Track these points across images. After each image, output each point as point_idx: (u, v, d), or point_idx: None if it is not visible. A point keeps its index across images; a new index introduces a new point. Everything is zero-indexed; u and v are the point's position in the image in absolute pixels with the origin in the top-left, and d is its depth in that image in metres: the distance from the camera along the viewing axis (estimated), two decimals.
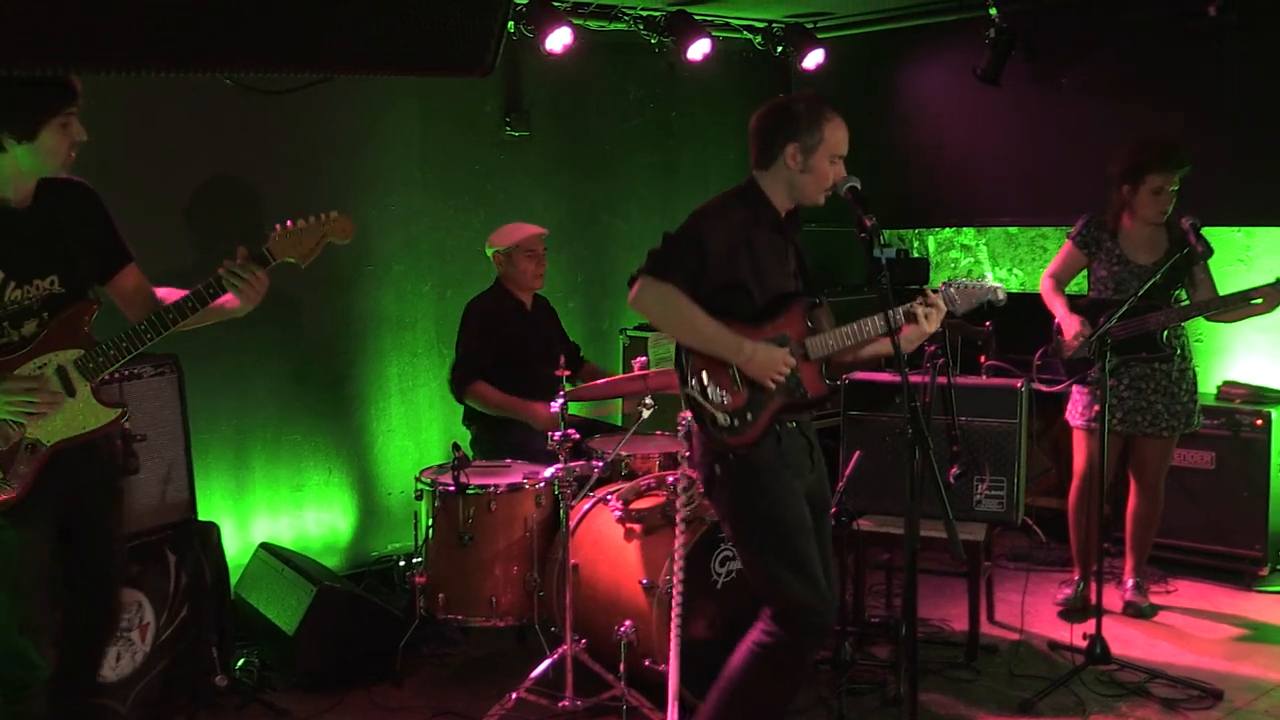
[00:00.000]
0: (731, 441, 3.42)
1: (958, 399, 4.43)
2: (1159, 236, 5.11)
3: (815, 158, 3.47)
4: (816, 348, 3.53)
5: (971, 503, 4.83)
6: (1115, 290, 5.08)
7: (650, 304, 3.39)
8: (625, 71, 6.71)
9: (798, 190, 3.52)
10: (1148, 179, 5.01)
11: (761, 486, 3.44)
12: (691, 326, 3.40)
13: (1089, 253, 5.21)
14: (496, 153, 6.19)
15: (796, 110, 3.48)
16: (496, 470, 4.76)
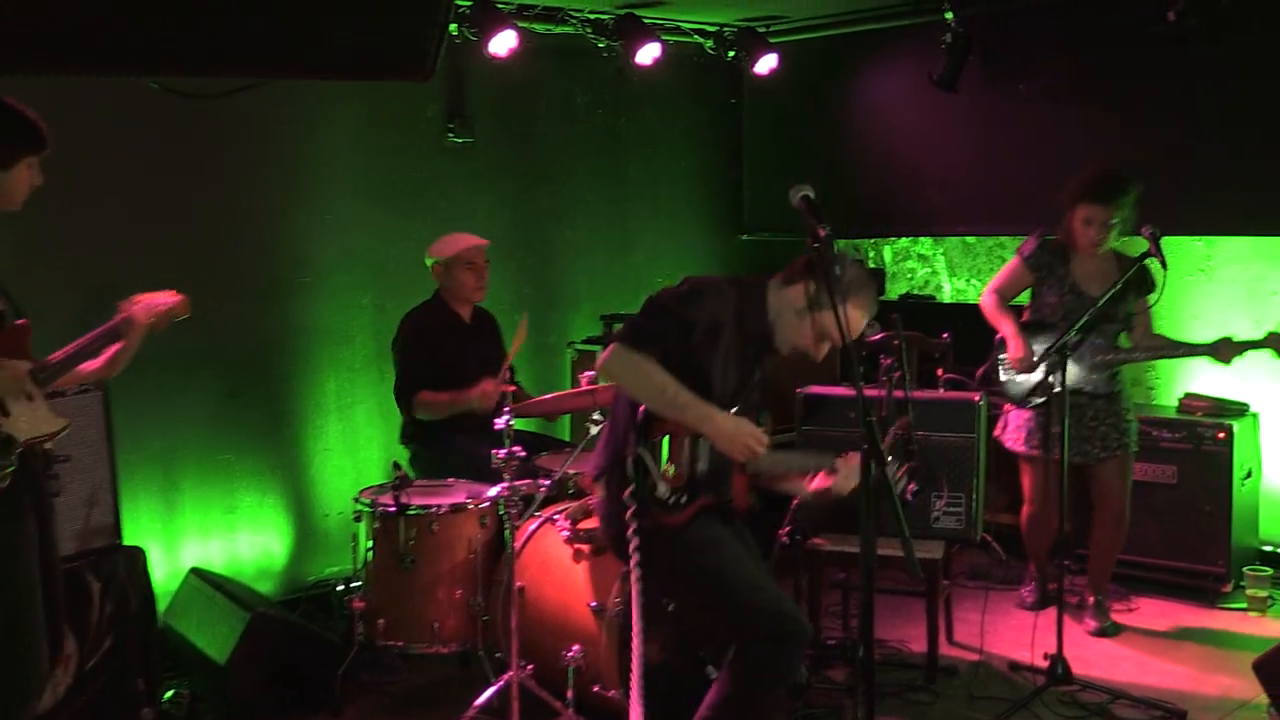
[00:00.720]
0: (662, 518, 3.48)
1: (914, 413, 4.46)
2: (1110, 267, 5.19)
3: (819, 319, 3.52)
4: (755, 462, 3.58)
5: (929, 520, 4.88)
6: (1063, 318, 5.14)
7: (620, 373, 3.45)
8: (572, 76, 6.72)
9: (780, 322, 3.59)
10: (1078, 208, 5.14)
11: (683, 541, 3.50)
12: (664, 395, 3.43)
13: (1039, 276, 5.30)
14: (439, 160, 6.18)
15: (839, 267, 3.40)
16: (438, 490, 4.74)
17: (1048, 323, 5.22)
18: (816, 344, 3.57)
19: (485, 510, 4.60)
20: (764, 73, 6.92)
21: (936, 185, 7.23)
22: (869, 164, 7.51)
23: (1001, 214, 5.48)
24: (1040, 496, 5.32)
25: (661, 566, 3.50)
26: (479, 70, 6.15)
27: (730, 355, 3.55)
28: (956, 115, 6.97)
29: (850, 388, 4.98)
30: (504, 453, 4.29)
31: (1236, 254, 6.16)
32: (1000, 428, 5.38)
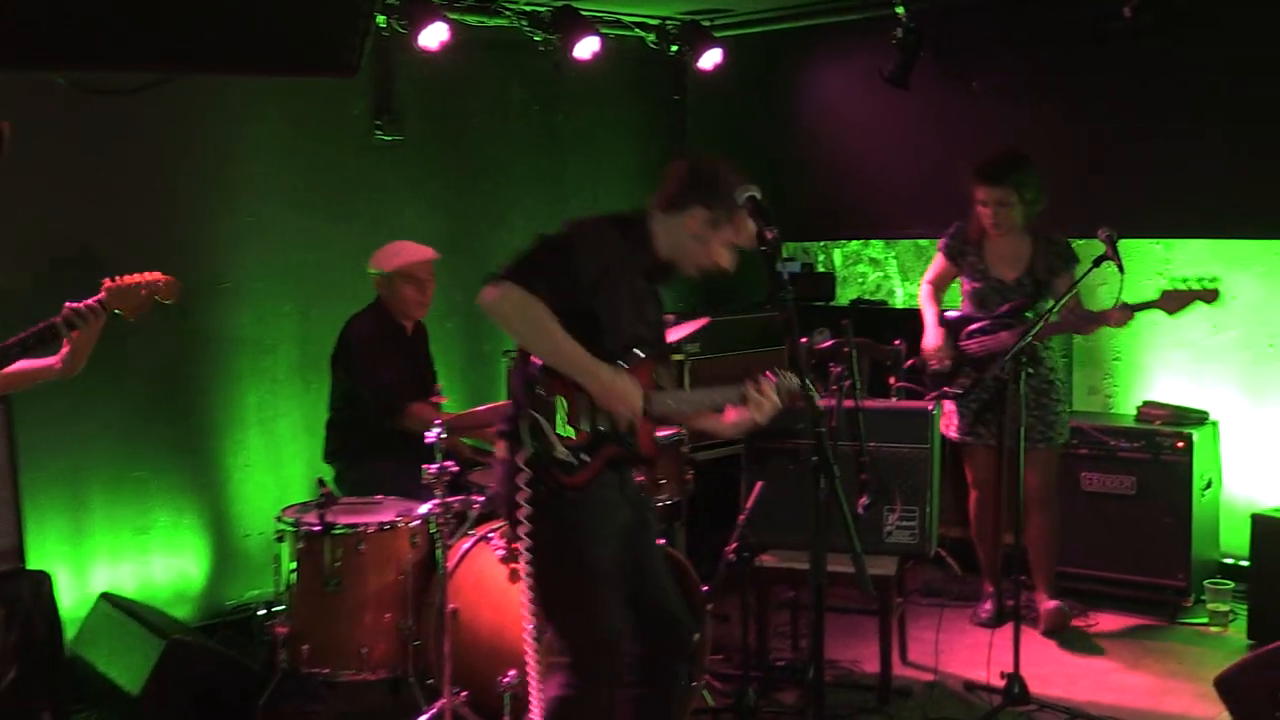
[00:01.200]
0: (562, 479, 3.45)
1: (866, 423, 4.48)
2: (1021, 250, 5.38)
3: (716, 235, 3.52)
4: (658, 405, 3.58)
5: (882, 534, 4.91)
6: (979, 305, 5.39)
7: (509, 313, 3.38)
8: (507, 71, 6.70)
9: (681, 252, 3.57)
10: (974, 190, 5.35)
11: (571, 522, 3.48)
12: (551, 341, 3.39)
13: (957, 265, 5.53)
14: (366, 159, 6.14)
15: (726, 180, 3.48)
16: (366, 507, 4.70)
17: (967, 314, 5.52)
18: (725, 258, 3.57)
19: (416, 529, 4.57)
20: (708, 68, 6.94)
21: (888, 185, 7.29)
22: (818, 163, 7.56)
23: (956, 215, 5.54)
24: (980, 482, 5.56)
25: (545, 535, 3.47)
26: (408, 65, 6.12)
27: (623, 297, 3.53)
28: (908, 113, 7.04)
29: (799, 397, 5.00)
30: (435, 468, 4.27)
31: (1195, 257, 6.25)
32: (944, 420, 5.49)
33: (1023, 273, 5.37)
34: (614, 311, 3.50)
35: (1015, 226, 5.34)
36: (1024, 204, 5.29)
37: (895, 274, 7.43)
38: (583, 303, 3.43)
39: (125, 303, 3.73)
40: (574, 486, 3.46)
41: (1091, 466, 5.92)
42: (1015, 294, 5.36)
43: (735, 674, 4.90)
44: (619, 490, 3.61)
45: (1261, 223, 5.99)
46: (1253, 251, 6.11)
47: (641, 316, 3.62)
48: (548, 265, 3.40)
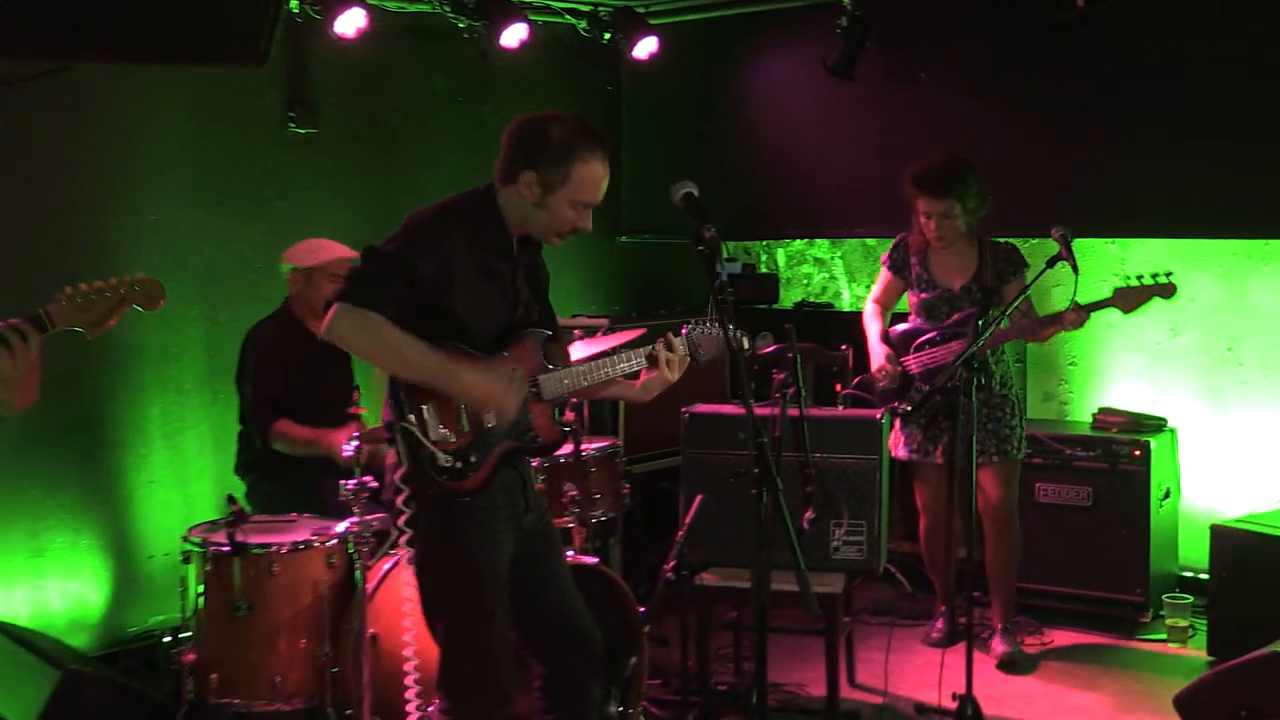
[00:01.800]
0: (452, 486, 3.45)
1: (811, 433, 4.52)
2: (967, 257, 5.43)
3: (554, 196, 3.51)
4: (550, 387, 3.60)
5: (828, 550, 4.94)
6: (928, 316, 5.41)
7: (348, 336, 3.39)
8: (430, 60, 6.68)
9: (529, 222, 3.57)
10: (915, 201, 5.40)
11: (463, 535, 3.49)
12: (400, 357, 3.41)
13: (903, 278, 5.55)
14: (278, 153, 6.09)
15: (549, 134, 3.51)
16: (280, 526, 4.66)
17: (913, 328, 5.54)
18: (577, 217, 3.54)
19: (333, 548, 4.54)
20: (643, 57, 6.95)
21: (833, 182, 7.34)
22: (760, 158, 7.59)
23: (904, 214, 5.58)
24: (933, 505, 5.53)
25: (433, 549, 3.49)
26: (324, 53, 6.08)
27: (481, 285, 3.52)
28: (854, 106, 7.09)
29: (740, 406, 5.03)
30: (353, 483, 4.24)
31: (1152, 257, 6.34)
32: (893, 439, 5.51)
33: (970, 280, 5.40)
34: (473, 303, 3.50)
35: (959, 236, 5.38)
36: (967, 213, 5.34)
37: (842, 275, 7.49)
38: (434, 303, 3.44)
39: (85, 316, 3.38)
40: (467, 492, 3.46)
41: (1046, 477, 5.99)
42: (964, 302, 5.38)
43: (674, 700, 4.91)
44: (521, 492, 3.63)
45: (1220, 221, 6.09)
46: (1211, 251, 6.21)
47: (511, 298, 3.61)
48: (381, 277, 3.40)
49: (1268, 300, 6.08)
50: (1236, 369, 6.19)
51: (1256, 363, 6.14)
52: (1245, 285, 6.13)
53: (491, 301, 3.55)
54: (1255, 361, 6.14)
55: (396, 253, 3.43)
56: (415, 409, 3.44)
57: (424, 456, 3.42)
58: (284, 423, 4.99)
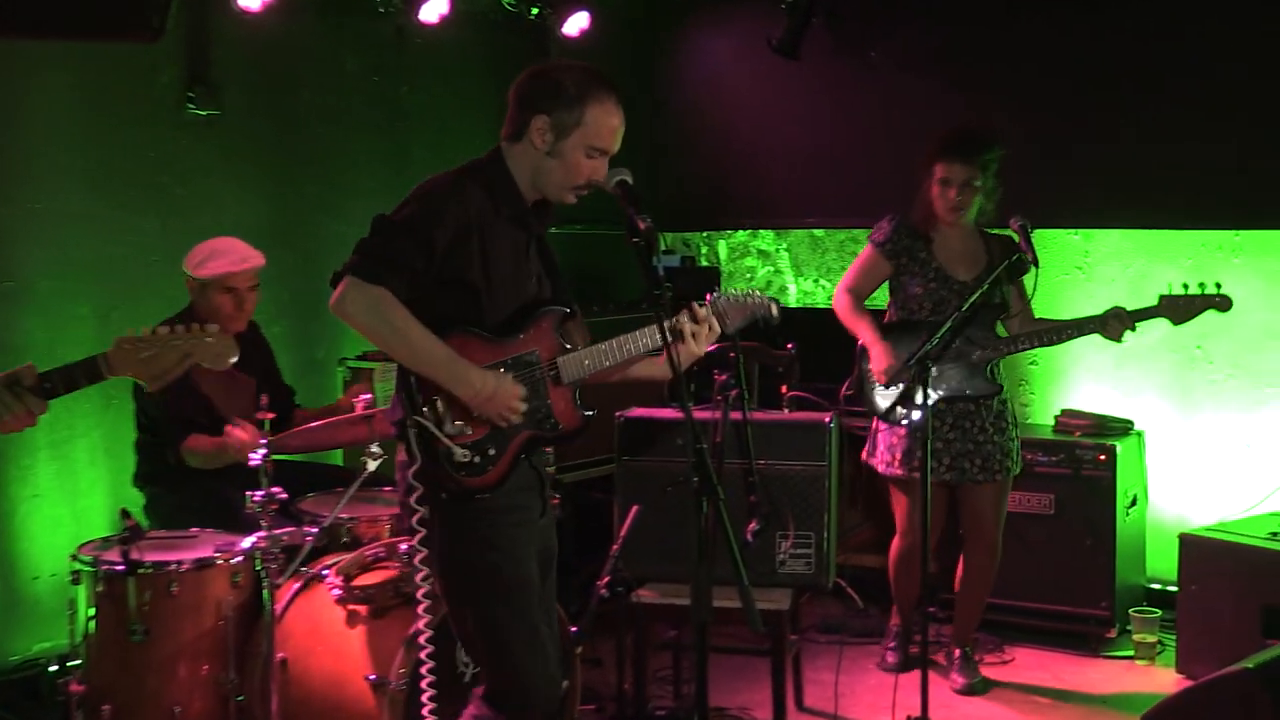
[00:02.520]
0: (471, 483, 3.44)
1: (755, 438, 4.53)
2: (976, 247, 5.37)
3: (568, 142, 3.49)
4: (570, 369, 3.58)
5: (774, 564, 4.95)
6: (933, 310, 5.29)
7: (357, 314, 3.37)
8: (342, 36, 6.65)
9: (542, 177, 3.54)
10: (935, 167, 5.29)
11: (483, 534, 3.48)
12: (409, 346, 3.39)
13: (898, 264, 5.40)
14: (176, 137, 6.04)
15: (560, 79, 3.51)
16: (179, 542, 4.62)
17: (915, 320, 5.34)
18: (592, 167, 3.52)
19: (238, 566, 4.50)
20: (574, 34, 6.96)
21: (779, 169, 7.37)
22: (700, 144, 7.62)
23: (854, 203, 5.62)
24: (913, 528, 5.43)
25: (453, 555, 3.48)
26: (227, 27, 6.04)
27: (498, 256, 3.50)
28: (801, 87, 7.13)
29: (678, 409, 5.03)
30: (260, 495, 4.21)
31: (1117, 249, 6.42)
32: (868, 449, 5.49)
33: (983, 271, 5.31)
34: (490, 276, 3.48)
35: (968, 217, 5.31)
36: (986, 191, 5.27)
37: (788, 269, 7.52)
38: (448, 275, 3.42)
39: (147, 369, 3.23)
40: (485, 488, 3.45)
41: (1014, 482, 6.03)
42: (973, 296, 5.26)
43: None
44: (539, 492, 3.62)
45: (1189, 211, 6.18)
46: (1178, 243, 6.30)
47: (527, 273, 3.59)
48: (392, 249, 3.37)
49: (1239, 295, 6.12)
50: (1206, 368, 6.27)
51: (1227, 362, 6.23)
52: (1215, 279, 6.18)
53: (508, 274, 3.52)
54: (1226, 360, 6.23)
55: (410, 220, 3.40)
56: (428, 401, 3.43)
57: (440, 452, 3.41)
58: (192, 439, 4.95)
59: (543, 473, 3.65)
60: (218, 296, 5.12)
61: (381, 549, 4.52)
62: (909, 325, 5.35)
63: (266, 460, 4.28)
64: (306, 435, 4.82)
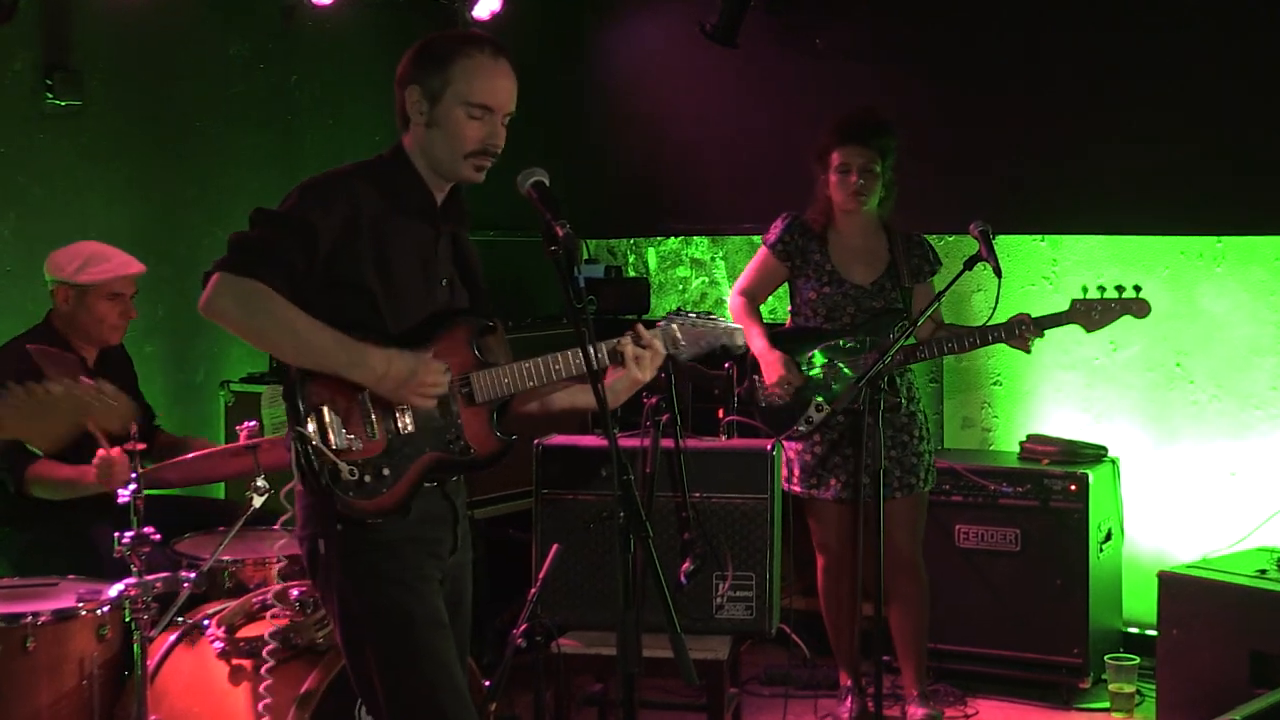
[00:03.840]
0: (362, 505, 3.40)
1: (689, 468, 4.54)
2: (876, 246, 5.48)
3: (441, 106, 3.50)
4: (486, 387, 3.56)
5: (710, 608, 4.96)
6: (827, 316, 5.41)
7: (228, 310, 3.35)
8: (224, 19, 6.62)
9: (432, 154, 3.54)
10: (832, 155, 5.41)
11: (384, 568, 3.44)
12: (294, 336, 3.36)
13: (791, 265, 5.52)
14: (33, 130, 5.99)
15: (426, 44, 3.56)
16: (36, 591, 4.57)
17: (808, 327, 5.47)
18: (480, 129, 3.50)
19: (104, 617, 4.45)
20: (484, 17, 6.95)
21: (713, 169, 7.40)
22: (625, 141, 7.63)
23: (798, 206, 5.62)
24: (827, 544, 5.52)
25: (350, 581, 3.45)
26: (91, 7, 6.01)
27: (398, 254, 3.49)
28: (738, 78, 7.16)
29: (603, 437, 5.04)
30: (130, 536, 4.17)
31: (1087, 257, 6.49)
32: None
33: (882, 274, 5.43)
34: (388, 279, 3.47)
35: (867, 208, 5.41)
36: (882, 182, 5.38)
37: (724, 279, 7.55)
38: (339, 276, 3.41)
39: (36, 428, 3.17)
40: (379, 512, 3.41)
41: (967, 517, 6.08)
42: (873, 301, 5.41)
43: None
44: (450, 526, 3.59)
45: (1166, 216, 6.23)
46: (1156, 251, 6.37)
47: (429, 273, 3.58)
48: (271, 241, 3.37)
49: (1221, 307, 6.22)
50: (1187, 388, 6.35)
51: (1209, 380, 6.30)
52: (1195, 290, 6.27)
53: (411, 276, 3.51)
54: (1208, 379, 6.31)
55: (290, 212, 3.39)
56: (312, 410, 3.39)
57: (325, 469, 3.37)
58: (40, 464, 4.88)
59: (457, 504, 3.62)
60: (100, 305, 5.09)
61: (269, 595, 4.48)
62: (801, 333, 5.51)
63: (137, 496, 4.24)
64: (184, 467, 4.78)
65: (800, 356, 5.42)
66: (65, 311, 5.13)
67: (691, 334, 3.71)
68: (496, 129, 3.52)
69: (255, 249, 3.36)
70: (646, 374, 3.61)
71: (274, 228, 3.39)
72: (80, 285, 5.08)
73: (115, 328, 5.17)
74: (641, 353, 3.59)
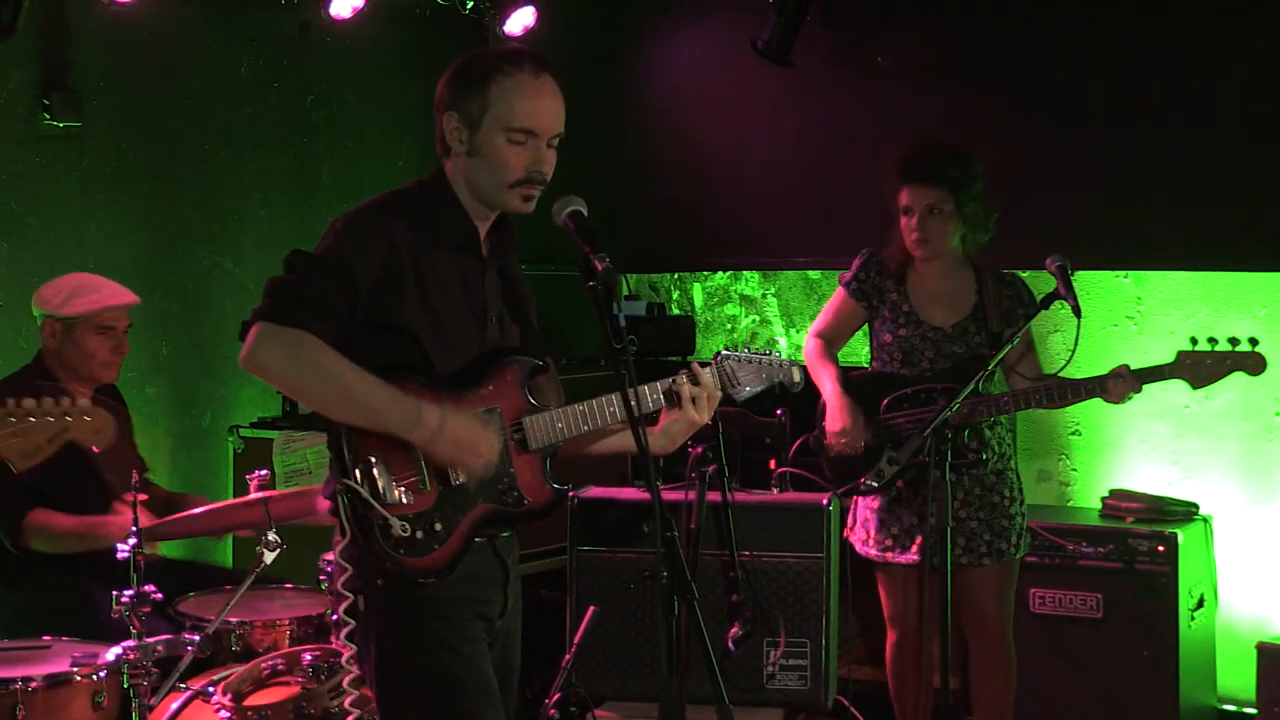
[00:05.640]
0: (413, 563, 3.40)
1: (738, 524, 4.54)
2: (961, 288, 5.38)
3: (481, 132, 3.50)
4: (539, 433, 3.55)
5: (761, 678, 4.95)
6: (903, 361, 5.32)
7: (273, 364, 3.36)
8: (234, 34, 6.67)
9: (475, 185, 3.55)
10: (900, 194, 5.31)
11: (431, 629, 3.44)
12: (344, 390, 3.37)
13: (869, 305, 5.44)
14: (29, 154, 6.04)
15: (463, 65, 3.56)
16: (27, 655, 4.58)
17: (886, 373, 5.38)
18: (523, 155, 3.49)
19: (101, 683, 4.46)
20: (518, 33, 7.00)
21: (766, 198, 7.40)
22: (670, 167, 7.64)
23: (856, 239, 5.58)
24: (901, 616, 5.41)
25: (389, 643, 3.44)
26: (91, 22, 6.06)
27: (437, 290, 3.49)
28: (792, 100, 7.17)
29: (644, 490, 5.04)
30: (130, 594, 4.19)
31: (1175, 295, 6.45)
32: (850, 522, 5.46)
33: (966, 317, 5.34)
34: (433, 317, 3.47)
35: (947, 249, 5.32)
36: (962, 218, 5.29)
37: (776, 318, 7.55)
38: (381, 320, 3.42)
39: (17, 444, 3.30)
40: (432, 571, 3.41)
41: (1044, 580, 6.02)
42: (956, 345, 5.30)
43: None
44: (501, 586, 3.58)
45: (1263, 251, 6.18)
46: (1251, 288, 6.32)
47: (480, 310, 3.58)
48: (311, 286, 3.37)
49: None
50: None
51: None
52: None
53: (456, 313, 3.52)
54: None
55: (327, 255, 3.40)
56: (361, 462, 3.39)
57: (374, 524, 3.37)
58: (40, 512, 4.91)
59: (508, 562, 3.61)
60: (90, 339, 5.11)
61: (280, 660, 4.49)
62: (879, 378, 5.39)
63: (138, 551, 4.26)
64: (188, 521, 4.80)
65: (876, 403, 5.29)
66: (53, 348, 5.15)
67: (748, 370, 3.74)
68: (542, 154, 3.51)
69: (295, 294, 3.36)
70: (704, 415, 3.62)
71: (312, 272, 3.40)
72: (67, 318, 5.09)
73: (107, 364, 5.18)
74: (698, 392, 3.60)
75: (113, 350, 5.18)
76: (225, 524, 4.98)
